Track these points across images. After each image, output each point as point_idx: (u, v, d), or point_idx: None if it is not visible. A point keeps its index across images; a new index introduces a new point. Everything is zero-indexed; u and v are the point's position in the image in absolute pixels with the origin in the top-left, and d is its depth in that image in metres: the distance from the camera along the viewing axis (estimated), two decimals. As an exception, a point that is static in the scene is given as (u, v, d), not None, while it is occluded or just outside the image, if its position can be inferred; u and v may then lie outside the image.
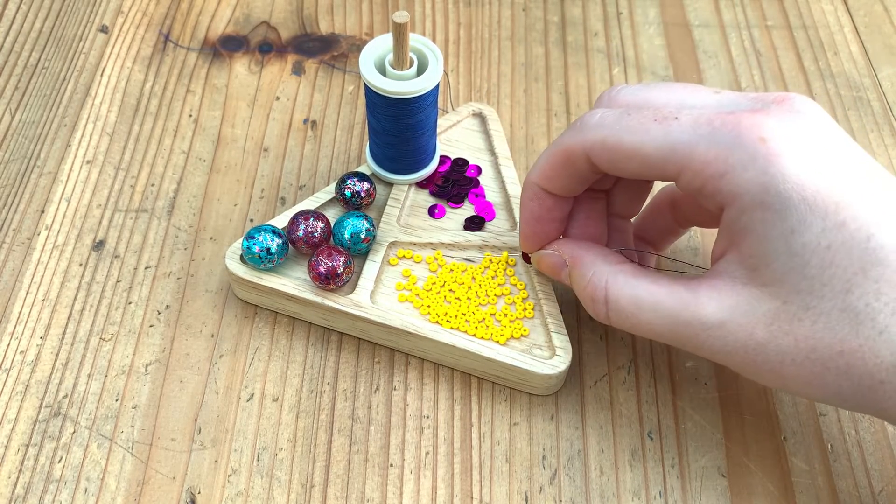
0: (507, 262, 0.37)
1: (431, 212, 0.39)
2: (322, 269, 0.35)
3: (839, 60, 0.49)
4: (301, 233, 0.36)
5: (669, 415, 0.35)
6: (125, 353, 0.36)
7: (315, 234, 0.36)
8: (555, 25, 0.51)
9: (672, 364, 0.37)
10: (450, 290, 0.36)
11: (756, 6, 0.52)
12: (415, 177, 0.40)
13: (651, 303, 0.30)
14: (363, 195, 0.38)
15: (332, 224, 0.37)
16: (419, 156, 0.39)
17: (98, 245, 0.40)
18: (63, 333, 0.37)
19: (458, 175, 0.40)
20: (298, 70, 0.48)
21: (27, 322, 0.37)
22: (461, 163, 0.41)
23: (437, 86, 0.36)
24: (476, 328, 0.35)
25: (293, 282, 0.36)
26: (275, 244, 0.35)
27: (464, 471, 0.34)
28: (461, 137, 0.42)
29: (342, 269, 0.35)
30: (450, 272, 0.37)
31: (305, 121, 0.45)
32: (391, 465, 0.34)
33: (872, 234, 0.26)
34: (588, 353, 0.37)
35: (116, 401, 0.35)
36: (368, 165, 0.40)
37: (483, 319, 0.36)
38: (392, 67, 0.36)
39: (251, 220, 0.41)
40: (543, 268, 0.35)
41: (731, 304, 0.28)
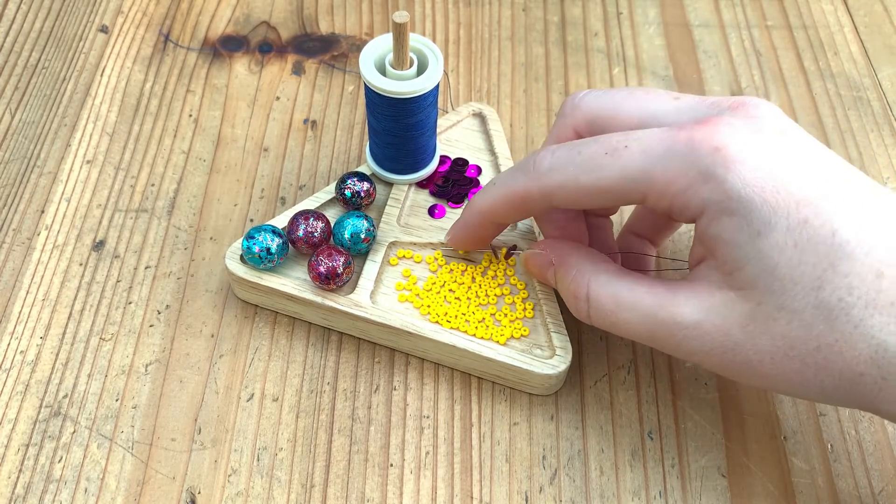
0: (508, 262, 0.37)
1: (431, 212, 0.39)
2: (322, 269, 0.35)
3: (839, 60, 0.49)
4: (301, 233, 0.36)
5: (669, 415, 0.35)
6: (125, 353, 0.36)
7: (315, 234, 0.36)
8: (555, 25, 0.51)
9: (672, 364, 0.37)
10: (450, 290, 0.36)
11: (756, 6, 0.52)
12: (415, 177, 0.40)
13: (630, 302, 0.30)
14: (363, 195, 0.38)
15: (332, 224, 0.37)
16: (419, 156, 0.39)
17: (98, 245, 0.40)
18: (63, 333, 0.37)
19: (458, 175, 0.40)
20: (298, 70, 0.48)
21: (27, 322, 0.37)
22: (461, 163, 0.41)
23: (437, 86, 0.36)
24: (476, 328, 0.35)
25: (293, 282, 0.36)
26: (275, 244, 0.35)
27: (464, 471, 0.34)
28: (461, 137, 0.42)
29: (342, 269, 0.35)
30: (450, 272, 0.37)
31: (305, 121, 0.45)
32: (391, 465, 0.34)
33: (837, 229, 0.26)
34: (588, 353, 0.37)
35: (116, 401, 0.35)
36: (368, 165, 0.40)
37: (483, 319, 0.36)
38: (392, 67, 0.36)
39: (251, 220, 0.41)
40: (530, 267, 0.35)
41: (708, 307, 0.28)
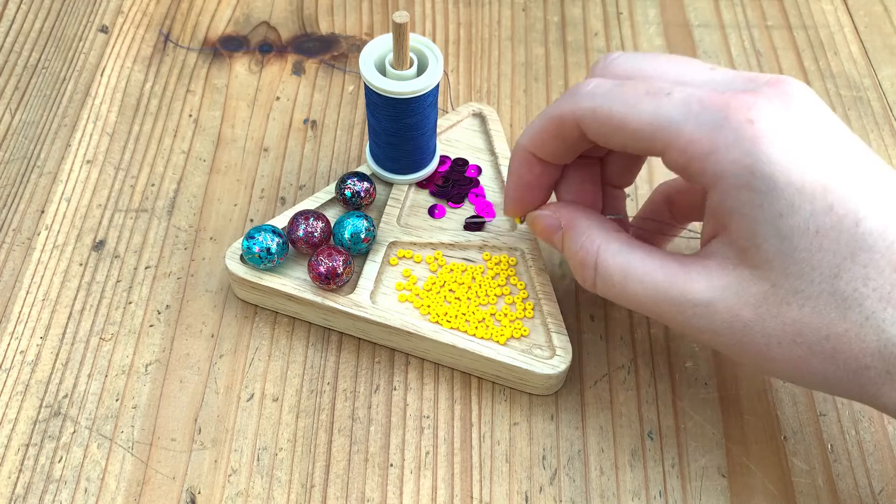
0: (508, 262, 0.37)
1: (431, 212, 0.39)
2: (322, 269, 0.35)
3: (839, 60, 0.49)
4: (301, 233, 0.36)
5: (669, 415, 0.35)
6: (125, 353, 0.36)
7: (315, 234, 0.36)
8: (555, 25, 0.51)
9: (672, 364, 0.37)
10: (450, 290, 0.36)
11: (756, 6, 0.52)
12: (415, 177, 0.40)
13: (640, 274, 0.30)
14: (363, 195, 0.38)
15: (332, 224, 0.37)
16: (419, 156, 0.39)
17: (98, 245, 0.40)
18: (63, 333, 0.37)
19: (458, 175, 0.40)
20: (298, 70, 0.48)
21: (27, 322, 0.37)
22: (461, 163, 0.41)
23: (437, 86, 0.36)
24: (476, 328, 0.35)
25: (293, 282, 0.36)
26: (275, 244, 0.35)
27: (464, 471, 0.34)
28: (461, 137, 0.42)
29: (342, 269, 0.35)
30: (450, 272, 0.37)
31: (305, 121, 0.45)
32: (391, 465, 0.34)
33: (861, 219, 0.26)
34: (588, 353, 0.37)
35: (116, 401, 0.35)
36: (368, 165, 0.40)
37: (483, 319, 0.36)
38: (392, 67, 0.36)
39: (251, 220, 0.41)
40: (537, 229, 0.34)
41: (722, 285, 0.28)
